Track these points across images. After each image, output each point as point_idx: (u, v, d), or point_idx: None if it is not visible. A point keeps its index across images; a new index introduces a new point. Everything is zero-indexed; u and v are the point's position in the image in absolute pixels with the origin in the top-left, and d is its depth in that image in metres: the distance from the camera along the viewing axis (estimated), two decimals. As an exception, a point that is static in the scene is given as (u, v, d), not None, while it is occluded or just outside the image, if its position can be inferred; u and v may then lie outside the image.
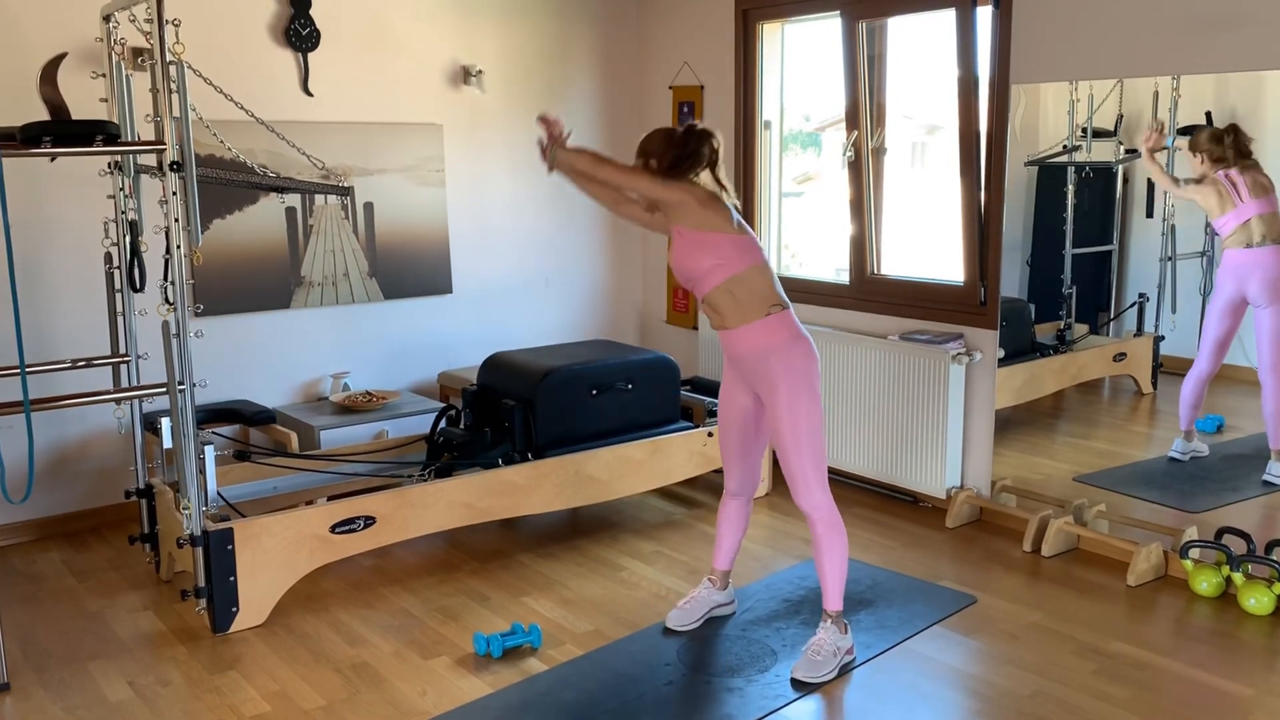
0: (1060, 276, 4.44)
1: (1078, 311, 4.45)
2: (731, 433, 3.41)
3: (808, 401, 3.17)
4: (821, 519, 3.21)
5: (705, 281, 3.19)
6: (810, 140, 5.83)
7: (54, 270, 4.33)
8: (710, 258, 3.16)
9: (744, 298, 3.16)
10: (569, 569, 4.03)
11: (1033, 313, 4.54)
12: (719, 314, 3.21)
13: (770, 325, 3.16)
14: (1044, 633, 3.46)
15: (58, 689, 3.17)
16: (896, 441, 4.65)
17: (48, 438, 4.38)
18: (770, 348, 3.16)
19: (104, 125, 3.17)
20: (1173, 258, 4.17)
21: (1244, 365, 3.97)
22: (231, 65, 4.55)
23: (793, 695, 3.10)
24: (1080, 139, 4.31)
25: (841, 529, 3.25)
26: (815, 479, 3.19)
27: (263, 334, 4.82)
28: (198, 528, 3.41)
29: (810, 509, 3.21)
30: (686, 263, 3.21)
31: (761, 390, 3.24)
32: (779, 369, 3.16)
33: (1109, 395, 4.62)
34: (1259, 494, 3.99)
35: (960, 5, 4.32)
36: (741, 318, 3.17)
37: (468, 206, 5.35)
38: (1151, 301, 4.24)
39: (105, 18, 3.63)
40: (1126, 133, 4.16)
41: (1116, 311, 4.38)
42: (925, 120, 5.04)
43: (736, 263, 3.15)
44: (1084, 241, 4.42)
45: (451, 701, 3.09)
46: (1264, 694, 3.06)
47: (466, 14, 5.22)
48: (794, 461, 3.18)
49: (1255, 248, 3.80)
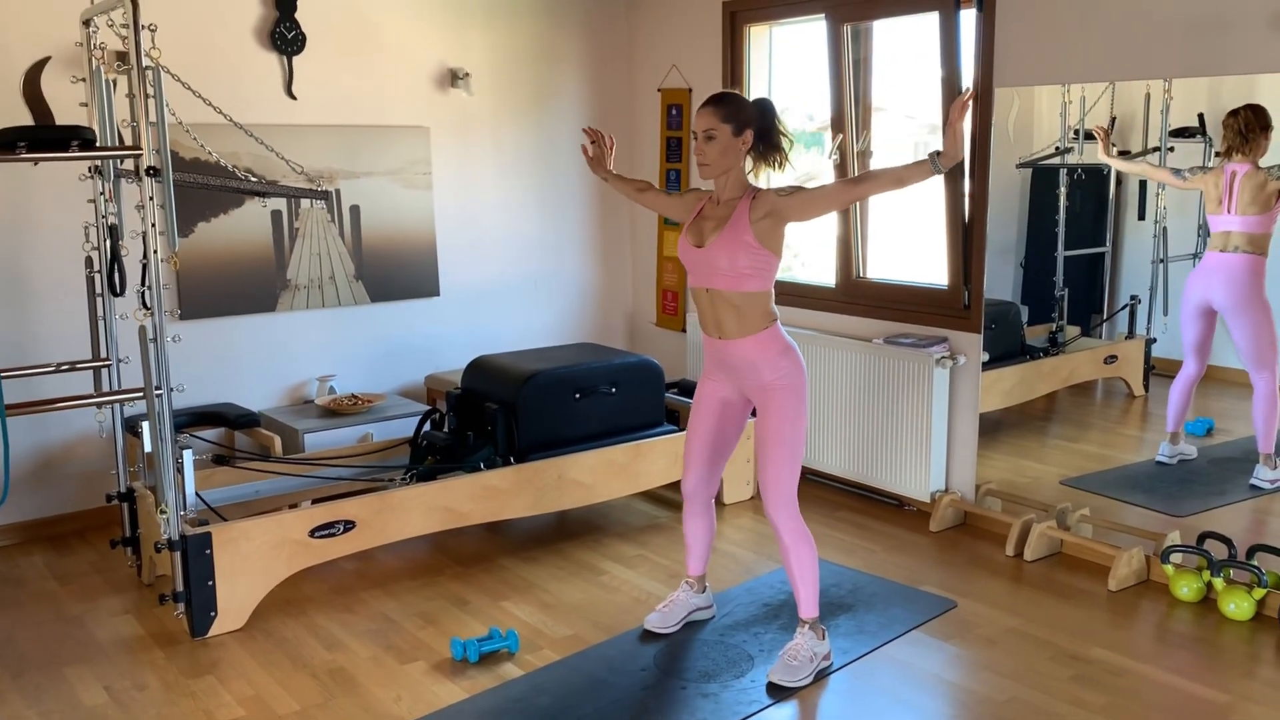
0: (1054, 279, 4.43)
1: (1071, 314, 4.43)
2: (706, 428, 3.37)
3: (795, 415, 3.16)
4: (791, 530, 3.19)
5: (728, 280, 3.10)
6: (814, 140, 5.81)
7: (38, 274, 4.33)
8: (750, 265, 3.09)
9: (749, 310, 3.13)
10: (550, 573, 4.02)
11: (1025, 315, 4.53)
12: (718, 320, 3.17)
13: (763, 340, 3.15)
14: (1023, 638, 3.46)
15: (33, 694, 3.18)
16: (881, 445, 4.64)
17: (32, 441, 4.38)
18: (764, 360, 3.15)
19: (80, 130, 3.17)
20: (1164, 260, 4.16)
21: (1236, 368, 3.96)
22: (217, 69, 4.56)
23: (767, 701, 3.09)
24: (1073, 141, 4.29)
25: (810, 539, 3.23)
26: (790, 491, 3.18)
27: (248, 337, 4.83)
28: (175, 532, 3.41)
29: (782, 520, 3.19)
30: (721, 256, 3.10)
31: (754, 397, 3.23)
32: (773, 381, 3.15)
33: (1101, 398, 4.61)
34: (1245, 498, 3.98)
35: (944, 8, 4.31)
36: (740, 330, 3.15)
37: (455, 209, 5.34)
38: (1144, 304, 4.23)
39: (85, 22, 3.63)
40: (1120, 135, 4.15)
41: (1109, 314, 4.37)
42: (912, 123, 5.02)
43: (766, 281, 3.14)
44: (1077, 244, 4.41)
45: (426, 707, 3.08)
46: (1240, 699, 3.05)
47: (454, 17, 5.22)
48: (773, 472, 3.17)
49: (1227, 253, 3.80)
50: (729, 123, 3.09)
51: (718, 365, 3.27)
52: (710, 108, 3.11)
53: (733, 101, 3.12)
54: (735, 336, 3.15)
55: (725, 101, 3.12)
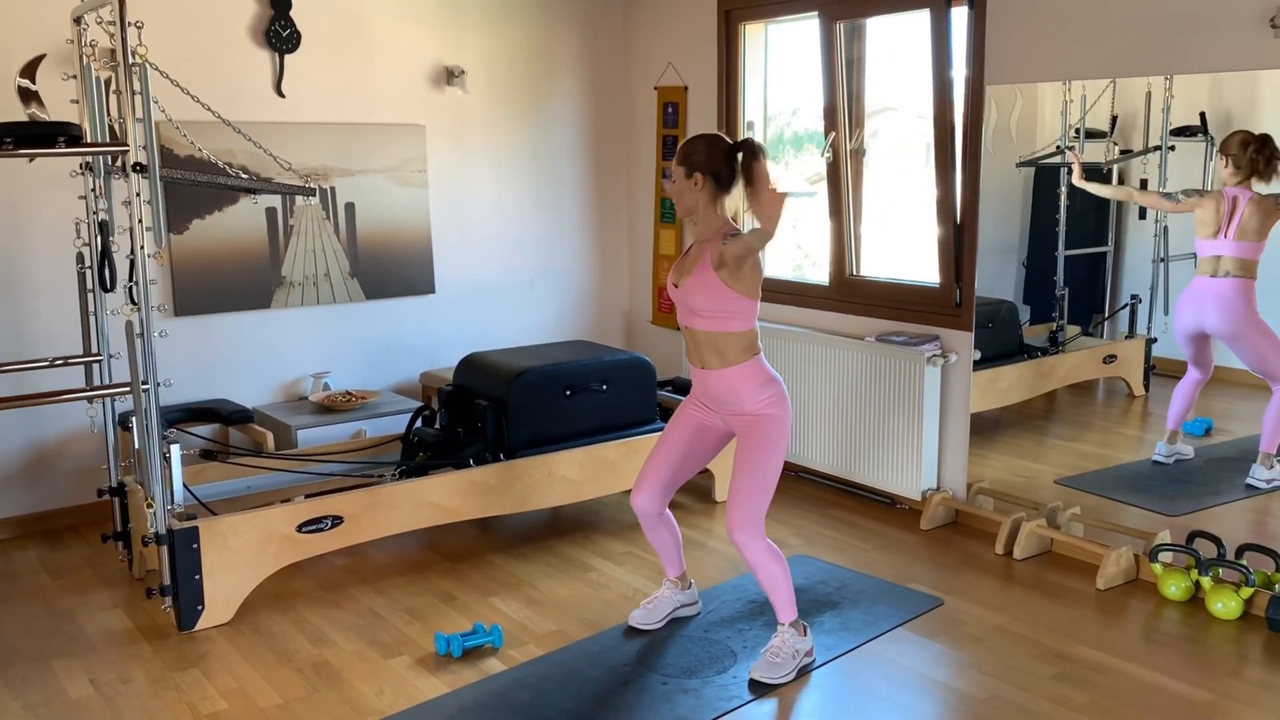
0: (1054, 278, 4.41)
1: (1073, 313, 4.41)
2: (677, 440, 3.36)
3: (774, 445, 3.16)
4: (754, 549, 3.15)
5: (706, 320, 3.13)
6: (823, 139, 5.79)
7: (33, 269, 4.36)
8: (724, 307, 3.11)
9: (729, 348, 3.15)
10: (539, 569, 4.03)
11: (1025, 314, 4.51)
12: (700, 354, 3.19)
13: (746, 371, 3.15)
14: (1008, 636, 3.45)
15: (19, 686, 3.20)
16: (873, 443, 4.63)
17: (26, 436, 4.42)
18: (747, 389, 3.16)
19: (66, 126, 3.19)
20: (1165, 259, 4.14)
21: (1240, 368, 3.94)
22: (212, 67, 4.58)
23: (748, 697, 3.09)
24: (1074, 139, 4.27)
25: (776, 553, 3.20)
26: (757, 517, 3.15)
27: (243, 334, 4.85)
28: (162, 526, 3.43)
29: (744, 542, 3.15)
30: (696, 297, 3.12)
31: (735, 427, 3.24)
32: (754, 409, 3.16)
33: (1102, 397, 4.59)
34: (1240, 497, 3.95)
35: (935, 6, 4.30)
36: (721, 362, 3.16)
37: (451, 207, 5.36)
38: (1144, 303, 4.21)
39: (76, 20, 3.66)
40: (1122, 134, 4.12)
41: (1110, 313, 4.35)
42: (904, 121, 5.01)
43: (747, 322, 3.14)
44: (1079, 243, 4.39)
45: (407, 701, 3.10)
46: (1223, 699, 3.03)
47: (449, 15, 5.24)
48: (743, 497, 3.14)
49: (1217, 278, 3.77)
50: (682, 165, 3.14)
51: (703, 393, 3.29)
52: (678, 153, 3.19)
53: (689, 145, 3.15)
54: (717, 368, 3.17)
55: (684, 145, 3.17)
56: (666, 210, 5.72)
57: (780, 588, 3.20)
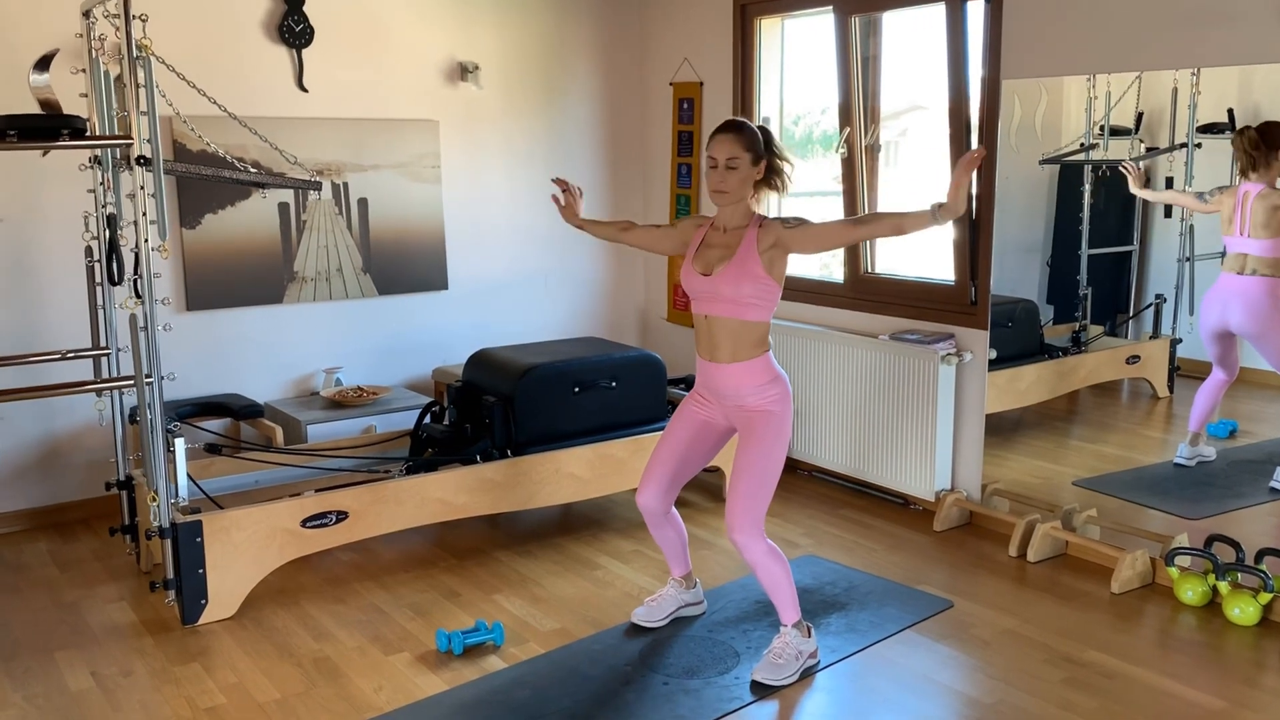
0: (1078, 277, 4.33)
1: (1097, 313, 4.33)
2: (679, 438, 3.32)
3: (775, 443, 3.12)
4: (754, 550, 3.11)
5: (730, 308, 3.09)
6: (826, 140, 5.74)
7: (46, 262, 4.38)
8: (754, 294, 3.08)
9: (745, 338, 3.11)
10: (545, 567, 4.00)
11: (1048, 314, 4.43)
12: (713, 344, 3.14)
13: (754, 367, 3.12)
14: (1018, 639, 3.38)
15: (22, 677, 3.21)
16: (886, 443, 4.57)
17: (38, 429, 4.44)
18: (752, 385, 3.12)
19: (70, 119, 3.20)
20: (1190, 258, 4.05)
21: (1266, 369, 3.85)
22: (225, 62, 4.59)
23: (749, 698, 3.05)
24: (1098, 136, 4.20)
25: (777, 553, 3.15)
26: (757, 517, 3.11)
27: (255, 328, 4.85)
28: (166, 520, 3.43)
29: (743, 542, 3.11)
30: (727, 285, 3.08)
31: (737, 423, 3.20)
32: (757, 405, 3.12)
33: (1126, 399, 4.51)
34: (1265, 501, 3.86)
35: (950, 0, 4.23)
36: (733, 355, 3.12)
37: (464, 203, 5.34)
38: (1169, 303, 4.12)
39: (85, 14, 3.67)
40: (1148, 131, 4.04)
41: (1134, 313, 4.27)
42: (921, 116, 4.95)
43: (767, 312, 3.12)
44: (1103, 242, 4.31)
45: (406, 698, 3.07)
46: (1235, 707, 2.96)
47: (463, 10, 5.22)
48: (743, 496, 3.10)
49: (1244, 275, 3.70)
50: (750, 152, 3.07)
51: (707, 387, 3.24)
52: (731, 135, 3.07)
53: (751, 130, 3.10)
54: (727, 361, 3.13)
55: (745, 130, 3.09)
56: (682, 206, 5.67)
57: (781, 588, 3.15)
